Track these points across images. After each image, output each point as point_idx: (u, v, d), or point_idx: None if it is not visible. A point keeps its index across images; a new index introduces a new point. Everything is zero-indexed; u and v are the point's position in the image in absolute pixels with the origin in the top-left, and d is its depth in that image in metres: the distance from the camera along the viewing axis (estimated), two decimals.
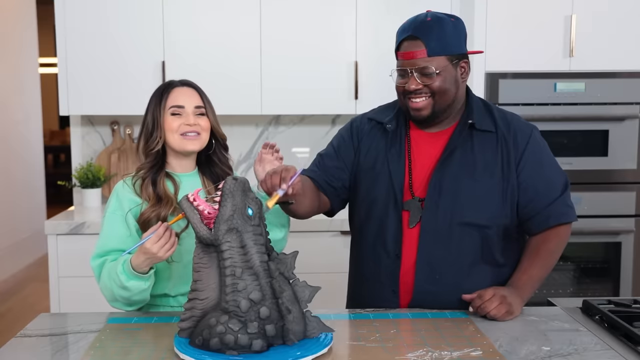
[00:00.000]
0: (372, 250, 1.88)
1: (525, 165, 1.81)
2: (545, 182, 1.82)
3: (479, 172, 1.80)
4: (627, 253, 3.20)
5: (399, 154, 1.85)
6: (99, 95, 3.32)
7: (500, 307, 1.69)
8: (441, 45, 1.74)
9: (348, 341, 1.55)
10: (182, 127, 1.84)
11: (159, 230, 1.64)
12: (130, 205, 1.83)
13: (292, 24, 3.33)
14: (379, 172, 1.86)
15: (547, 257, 1.83)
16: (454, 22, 1.79)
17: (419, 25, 1.76)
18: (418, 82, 1.76)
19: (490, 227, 1.80)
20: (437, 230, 1.79)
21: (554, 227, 1.83)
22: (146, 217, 1.80)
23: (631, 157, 3.16)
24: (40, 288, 5.23)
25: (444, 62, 1.75)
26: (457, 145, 1.81)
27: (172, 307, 1.87)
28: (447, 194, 1.79)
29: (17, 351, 1.52)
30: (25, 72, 6.39)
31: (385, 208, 1.84)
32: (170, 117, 1.85)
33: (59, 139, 10.24)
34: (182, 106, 1.85)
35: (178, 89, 1.88)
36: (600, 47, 3.12)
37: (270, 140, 3.69)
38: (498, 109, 1.90)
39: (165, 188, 1.84)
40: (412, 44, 1.76)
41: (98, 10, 3.28)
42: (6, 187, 5.79)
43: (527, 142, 1.82)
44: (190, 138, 1.85)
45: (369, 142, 1.91)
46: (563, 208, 1.83)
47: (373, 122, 1.93)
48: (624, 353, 1.48)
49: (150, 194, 1.82)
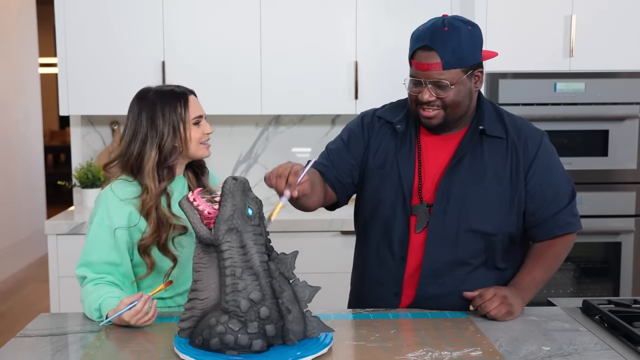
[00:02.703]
0: (376, 251, 1.87)
1: (535, 173, 1.79)
2: (554, 189, 1.81)
3: (488, 179, 1.78)
4: (627, 253, 3.20)
5: (409, 155, 1.83)
6: (99, 95, 3.32)
7: (501, 307, 1.69)
8: (457, 58, 1.68)
9: (348, 341, 1.55)
10: (203, 136, 1.87)
11: (138, 305, 1.59)
12: (120, 215, 1.79)
13: (292, 24, 3.33)
14: (388, 173, 1.83)
15: (551, 260, 1.82)
16: (471, 30, 1.71)
17: (435, 35, 1.69)
18: (431, 93, 1.71)
19: (496, 234, 1.79)
20: (444, 236, 1.78)
21: (560, 236, 1.83)
22: (147, 244, 1.79)
23: (631, 157, 3.16)
24: (40, 288, 5.23)
25: (459, 74, 1.70)
26: (467, 151, 1.79)
27: (169, 308, 1.87)
28: (455, 200, 1.77)
29: (17, 351, 1.52)
30: (25, 71, 6.39)
31: (392, 210, 1.82)
32: (194, 127, 1.85)
33: (59, 139, 10.23)
34: (202, 116, 1.88)
35: (192, 98, 1.88)
36: (600, 47, 3.12)
37: (270, 140, 3.69)
38: (509, 114, 1.86)
39: (163, 210, 1.82)
40: (427, 55, 1.69)
41: (98, 10, 3.28)
42: (6, 187, 5.79)
43: (537, 149, 1.80)
44: (208, 145, 1.89)
45: (379, 141, 1.87)
46: (569, 218, 1.82)
47: (382, 121, 1.89)
48: (624, 353, 1.48)
49: (153, 220, 1.79)
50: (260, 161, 3.70)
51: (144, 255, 1.80)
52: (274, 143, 3.70)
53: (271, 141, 3.70)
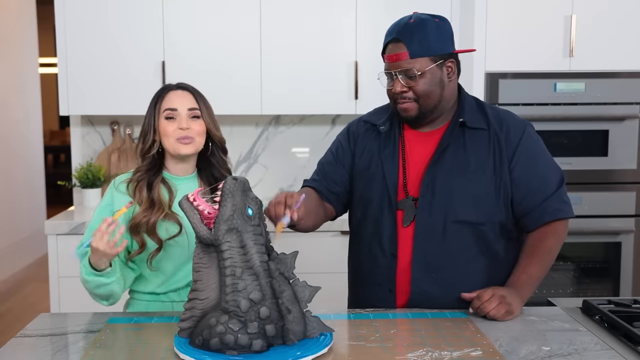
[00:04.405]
0: (368, 250, 1.89)
1: (519, 161, 1.81)
2: (540, 178, 1.82)
3: (472, 170, 1.80)
4: (627, 253, 3.20)
5: (393, 154, 1.87)
6: (99, 95, 3.32)
7: (500, 307, 1.69)
8: (423, 47, 1.75)
9: (348, 341, 1.55)
10: (176, 131, 1.84)
11: (101, 227, 1.62)
12: (121, 201, 1.84)
13: (292, 24, 3.33)
14: (374, 173, 1.88)
15: (545, 255, 1.82)
16: (438, 22, 1.79)
17: (401, 27, 1.78)
18: (403, 84, 1.78)
19: (484, 224, 1.80)
20: (432, 229, 1.80)
21: (550, 224, 1.83)
22: (137, 222, 1.81)
23: (631, 157, 3.16)
24: (40, 288, 5.23)
25: (427, 63, 1.76)
26: (449, 143, 1.82)
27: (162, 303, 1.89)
28: (440, 192, 1.80)
29: (17, 351, 1.52)
30: (26, 71, 6.39)
31: (380, 208, 1.85)
32: (165, 121, 1.85)
33: (59, 139, 10.24)
34: (175, 109, 1.85)
35: (172, 92, 1.89)
36: (600, 47, 3.12)
37: (270, 140, 3.69)
38: (492, 107, 1.90)
39: (159, 194, 1.85)
40: (396, 47, 1.78)
41: (98, 10, 3.28)
42: (6, 187, 5.79)
43: (520, 138, 1.82)
44: (184, 142, 1.84)
45: (364, 144, 1.93)
46: (558, 204, 1.83)
47: (368, 125, 1.95)
48: (624, 353, 1.48)
49: (144, 198, 1.83)
50: (260, 161, 3.70)
51: (134, 234, 1.82)
52: (274, 143, 3.70)
53: (271, 141, 3.70)
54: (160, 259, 1.85)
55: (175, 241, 1.84)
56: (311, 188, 1.94)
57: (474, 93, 2.98)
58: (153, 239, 1.82)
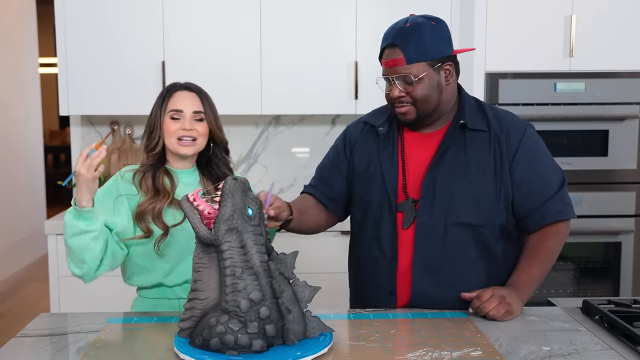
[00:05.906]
0: (368, 252, 1.88)
1: (519, 163, 1.81)
2: (540, 179, 1.82)
3: (472, 171, 1.80)
4: (627, 253, 3.20)
5: (392, 156, 1.86)
6: (99, 95, 3.32)
7: (500, 307, 1.69)
8: (419, 52, 1.74)
9: (348, 341, 1.55)
10: (179, 131, 1.88)
11: (83, 151, 1.68)
12: (127, 192, 1.89)
13: (292, 24, 3.33)
14: (373, 175, 1.87)
15: (546, 256, 1.82)
16: (434, 25, 1.77)
17: (397, 32, 1.76)
18: (400, 89, 1.77)
19: (485, 226, 1.80)
20: (432, 231, 1.79)
21: (552, 225, 1.82)
22: (143, 209, 1.86)
23: (631, 157, 3.16)
24: (40, 288, 5.23)
25: (424, 68, 1.75)
26: (450, 145, 1.81)
27: (169, 300, 1.90)
28: (440, 194, 1.79)
29: (17, 351, 1.52)
30: (26, 71, 6.39)
31: (380, 210, 1.85)
32: (169, 121, 1.89)
33: (59, 139, 10.24)
34: (180, 110, 1.89)
35: (179, 93, 1.92)
36: (600, 47, 3.12)
37: (270, 140, 3.69)
38: (492, 108, 1.89)
39: (163, 182, 1.90)
40: (392, 52, 1.76)
41: (98, 11, 3.28)
42: (6, 187, 5.79)
43: (520, 139, 1.82)
44: (185, 143, 1.88)
45: (362, 146, 1.93)
46: (560, 205, 1.82)
47: (367, 126, 1.95)
48: (624, 353, 1.48)
49: (149, 187, 1.88)
50: (260, 161, 3.70)
51: (140, 221, 1.85)
52: (274, 143, 3.70)
53: (271, 141, 3.70)
54: (166, 245, 1.87)
55: (182, 226, 1.86)
56: (309, 194, 1.97)
57: (474, 93, 2.98)
58: (158, 225, 1.85)
